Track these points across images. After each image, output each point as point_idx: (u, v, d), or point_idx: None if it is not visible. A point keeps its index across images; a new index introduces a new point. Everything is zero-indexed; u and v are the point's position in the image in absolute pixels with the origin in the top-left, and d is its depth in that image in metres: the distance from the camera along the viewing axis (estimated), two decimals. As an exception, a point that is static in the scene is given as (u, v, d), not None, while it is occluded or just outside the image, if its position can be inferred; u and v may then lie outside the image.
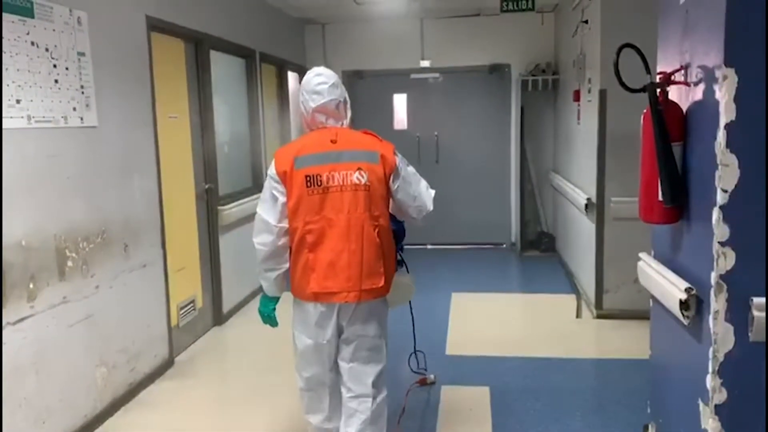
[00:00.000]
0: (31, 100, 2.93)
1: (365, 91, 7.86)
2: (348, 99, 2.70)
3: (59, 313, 3.11)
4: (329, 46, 7.69)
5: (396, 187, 2.61)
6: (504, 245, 7.79)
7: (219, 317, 5.07)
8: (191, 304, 4.67)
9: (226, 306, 5.18)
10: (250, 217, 5.61)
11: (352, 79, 7.80)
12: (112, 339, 3.57)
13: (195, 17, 4.65)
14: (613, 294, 4.87)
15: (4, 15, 2.78)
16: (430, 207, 2.74)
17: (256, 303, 2.63)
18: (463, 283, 6.23)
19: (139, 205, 3.87)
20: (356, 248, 2.51)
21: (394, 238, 2.71)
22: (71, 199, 3.23)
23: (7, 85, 2.78)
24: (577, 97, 5.66)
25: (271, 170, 2.54)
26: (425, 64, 7.53)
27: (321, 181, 2.49)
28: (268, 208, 2.55)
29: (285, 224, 2.53)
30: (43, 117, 3.01)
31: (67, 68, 3.17)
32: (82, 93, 3.30)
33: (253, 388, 3.94)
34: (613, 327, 4.74)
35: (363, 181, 2.52)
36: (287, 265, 2.62)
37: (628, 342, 4.39)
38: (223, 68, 5.34)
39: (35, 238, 2.96)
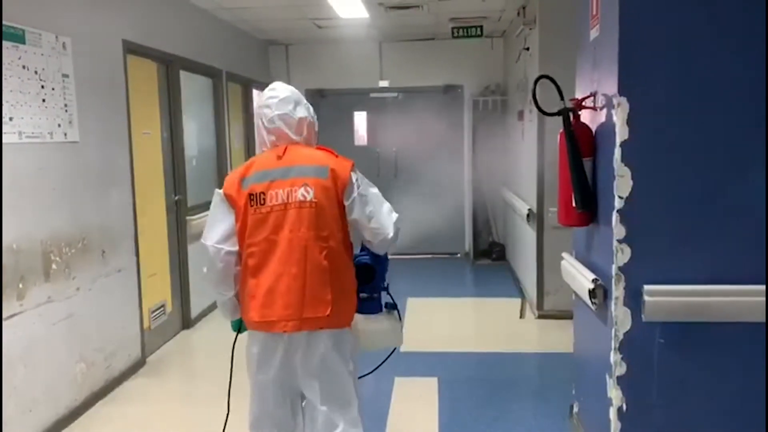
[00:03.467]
0: (22, 118, 3.24)
1: (327, 109, 8.25)
2: (312, 117, 2.52)
3: (44, 311, 3.40)
4: (293, 65, 8.08)
5: (349, 203, 2.38)
6: (458, 254, 8.25)
7: (187, 321, 5.37)
8: (162, 308, 4.96)
9: (194, 311, 5.48)
10: (217, 228, 5.94)
11: (314, 97, 8.19)
12: (90, 338, 3.85)
13: (166, 40, 4.99)
14: (552, 296, 5.33)
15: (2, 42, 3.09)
16: (390, 232, 2.48)
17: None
18: (419, 290, 6.63)
19: (115, 214, 4.18)
20: (297, 272, 2.29)
21: (369, 272, 2.53)
22: (56, 208, 3.53)
23: (2, 104, 3.09)
24: (521, 116, 6.17)
25: (218, 191, 2.39)
26: (384, 83, 7.99)
27: (264, 199, 2.29)
28: (209, 229, 2.36)
29: (224, 246, 2.32)
30: (32, 133, 3.32)
31: (53, 88, 3.49)
32: (66, 111, 3.61)
33: (219, 386, 4.21)
34: (552, 326, 5.19)
35: (308, 198, 2.30)
36: (233, 292, 2.43)
37: (565, 338, 4.81)
38: (192, 87, 5.67)
39: (24, 242, 3.25)
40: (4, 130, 3.10)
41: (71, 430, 3.56)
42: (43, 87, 3.41)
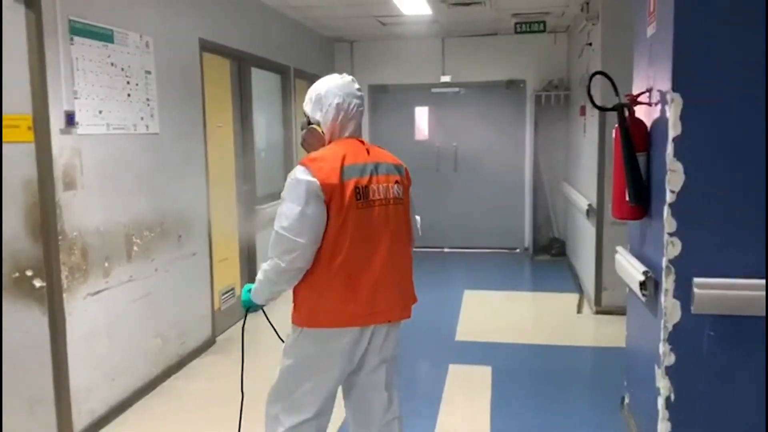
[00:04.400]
0: (110, 111, 3.54)
1: (388, 105, 8.45)
2: None
3: (126, 289, 3.71)
4: (356, 62, 8.29)
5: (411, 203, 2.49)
6: (517, 250, 8.28)
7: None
8: (231, 292, 5.26)
9: (260, 296, 5.76)
10: (283, 217, 6.21)
11: (377, 93, 8.39)
12: (166, 315, 4.15)
13: (239, 38, 5.27)
14: (610, 292, 5.33)
15: (93, 42, 3.40)
16: (419, 231, 2.57)
17: (287, 295, 2.36)
18: (476, 282, 6.73)
19: (191, 201, 4.47)
20: (398, 265, 2.36)
21: None
22: (138, 195, 3.83)
23: (93, 99, 3.39)
24: (583, 111, 6.16)
25: (312, 185, 2.17)
26: (446, 79, 8.09)
27: (368, 193, 2.26)
28: (299, 224, 2.17)
29: (315, 245, 2.22)
30: (119, 125, 3.62)
31: (137, 84, 3.79)
32: (148, 105, 3.91)
33: (278, 361, 4.53)
34: (608, 321, 5.20)
35: (400, 195, 2.37)
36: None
37: (621, 334, 4.80)
38: (262, 83, 5.95)
39: (110, 225, 3.56)
40: (95, 122, 3.41)
41: (148, 401, 3.86)
42: (128, 83, 3.71)
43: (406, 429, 3.44)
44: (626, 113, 2.85)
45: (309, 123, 2.42)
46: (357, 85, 2.43)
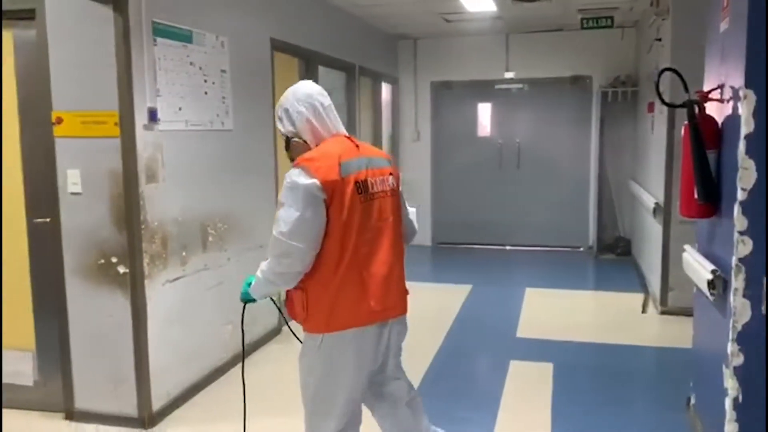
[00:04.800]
0: (189, 108, 3.73)
1: (451, 101, 8.48)
2: None
3: (201, 277, 3.91)
4: (420, 59, 8.36)
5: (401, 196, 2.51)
6: (581, 248, 8.17)
7: (317, 297, 5.82)
8: (296, 283, 5.43)
9: (324, 288, 5.92)
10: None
11: (440, 89, 8.43)
12: (236, 304, 4.31)
13: (307, 37, 5.42)
14: (677, 292, 5.21)
15: (174, 42, 3.59)
16: (416, 226, 2.61)
17: None
18: (538, 280, 6.69)
19: (260, 195, 4.65)
20: (399, 259, 2.37)
21: None
22: (212, 187, 4.02)
23: (173, 97, 3.59)
24: (651, 108, 6.03)
25: (312, 184, 2.16)
26: (509, 75, 8.06)
27: (367, 187, 2.27)
28: (297, 227, 2.16)
29: (315, 249, 2.20)
30: (196, 121, 3.81)
31: (213, 82, 3.97)
32: (223, 102, 4.10)
33: None
34: (674, 322, 5.09)
35: (393, 187, 2.40)
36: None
37: (687, 334, 4.70)
38: (328, 81, 6.09)
39: (187, 215, 3.76)
40: (174, 119, 3.60)
41: (218, 384, 4.05)
42: (205, 81, 3.89)
43: (468, 421, 3.52)
44: (696, 110, 2.81)
45: (288, 139, 2.41)
46: (316, 86, 2.42)
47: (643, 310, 5.50)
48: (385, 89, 7.92)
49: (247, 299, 2.58)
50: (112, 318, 3.39)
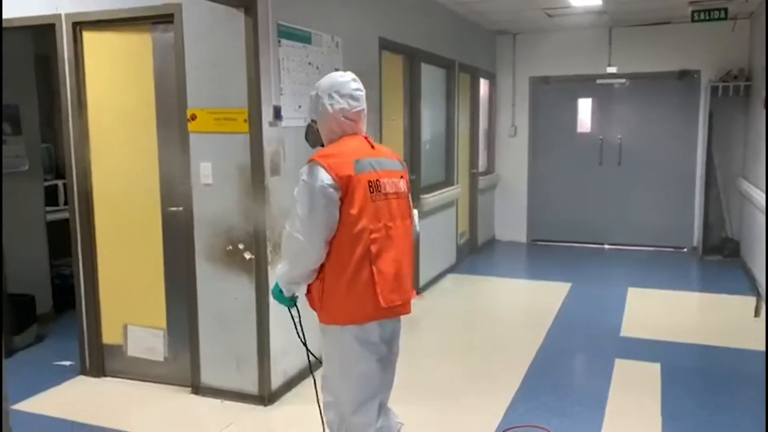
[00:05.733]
0: (307, 106, 3.93)
1: (550, 96, 8.38)
2: None
3: (314, 266, 4.11)
4: (518, 54, 8.31)
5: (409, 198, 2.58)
6: (684, 249, 7.89)
7: (416, 288, 5.96)
8: (397, 275, 5.58)
9: (422, 280, 6.05)
10: (444, 206, 6.48)
11: (538, 84, 8.36)
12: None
13: (412, 36, 5.55)
14: (795, 296, 4.98)
15: (295, 43, 3.81)
16: (418, 226, 2.68)
17: (449, 279, 2.38)
18: (640, 280, 6.53)
19: (366, 189, 4.82)
20: (408, 257, 2.44)
21: None
22: (325, 181, 4.22)
23: (294, 95, 3.80)
24: (766, 104, 5.75)
25: (325, 177, 2.23)
26: (612, 70, 7.87)
27: (380, 186, 2.33)
28: (318, 226, 2.24)
29: (327, 245, 2.29)
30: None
31: (328, 81, 4.17)
32: (336, 100, 4.28)
33: (439, 343, 4.79)
34: (792, 327, 4.87)
35: (404, 189, 2.46)
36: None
37: (807, 341, 4.54)
38: (429, 77, 6.20)
39: (303, 207, 3.97)
40: (294, 116, 3.82)
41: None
42: (321, 80, 4.09)
43: (576, 416, 3.54)
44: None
45: (313, 121, 2.50)
46: (355, 84, 2.42)
47: (756, 314, 5.27)
48: (483, 85, 7.94)
49: (284, 303, 2.62)
50: (237, 300, 3.65)
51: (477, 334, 5.11)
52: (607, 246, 8.22)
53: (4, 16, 3.79)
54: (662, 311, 5.54)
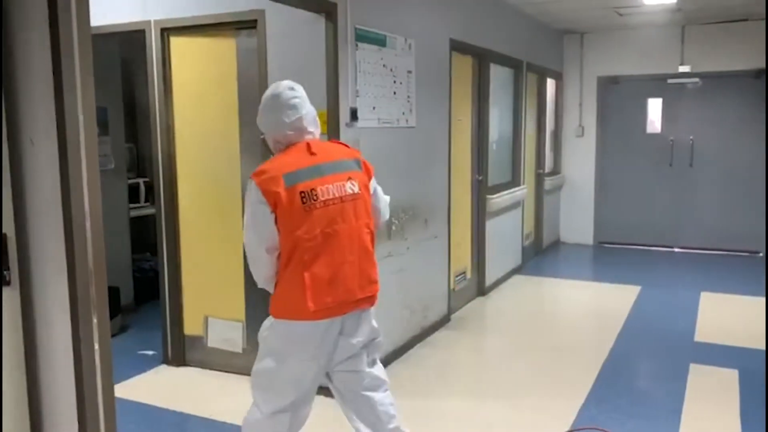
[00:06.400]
0: (381, 107, 4.03)
1: (618, 96, 8.24)
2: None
3: (386, 263, 4.19)
4: (586, 53, 8.21)
5: (373, 192, 2.61)
6: (760, 254, 7.61)
7: (482, 289, 5.98)
8: (463, 274, 5.63)
9: (489, 280, 6.06)
10: (510, 207, 6.48)
11: (606, 84, 8.23)
12: (413, 290, 4.61)
13: (481, 36, 5.58)
14: None
15: (371, 46, 3.90)
16: (387, 215, 2.77)
17: (513, 281, 2.40)
18: (714, 284, 6.35)
19: (436, 189, 4.89)
20: (354, 259, 2.44)
21: None
22: (397, 180, 4.30)
23: (369, 97, 3.90)
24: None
25: (256, 194, 2.35)
26: (684, 68, 7.67)
27: (316, 195, 2.37)
28: (266, 237, 2.38)
29: (276, 252, 2.41)
30: (386, 119, 4.11)
31: (401, 83, 4.25)
32: (409, 101, 4.36)
33: (507, 344, 4.83)
34: None
35: (355, 190, 2.47)
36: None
37: None
38: (497, 78, 6.20)
39: (377, 206, 4.06)
40: (369, 117, 3.91)
41: (399, 363, 4.34)
42: (394, 81, 4.18)
43: (652, 419, 3.50)
44: None
45: (262, 134, 2.59)
46: (290, 93, 2.46)
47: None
48: (550, 85, 7.87)
49: None
50: (313, 296, 3.77)
51: (545, 335, 5.09)
52: (677, 249, 8.02)
53: (97, 23, 4.03)
54: (738, 317, 5.38)
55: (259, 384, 2.54)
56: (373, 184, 2.63)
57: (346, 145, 2.70)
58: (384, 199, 2.72)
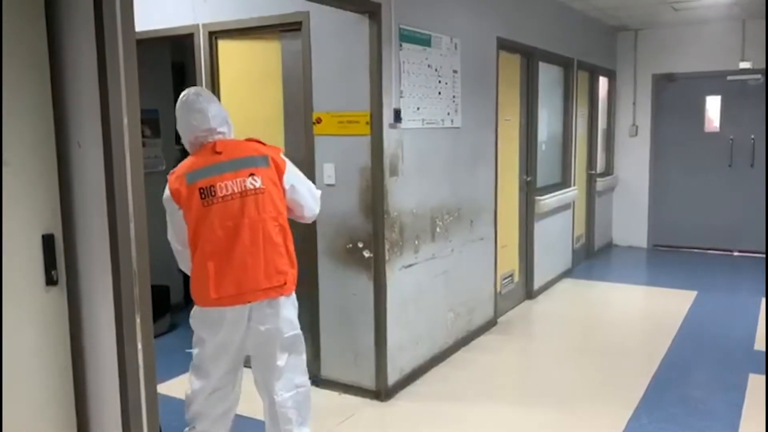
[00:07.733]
0: (425, 108, 4.00)
1: (673, 94, 7.97)
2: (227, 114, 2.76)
3: (430, 265, 4.17)
4: (640, 50, 7.96)
5: (288, 187, 2.73)
6: (826, 258, 7.23)
7: (530, 292, 5.87)
8: (510, 277, 5.53)
9: (537, 283, 5.94)
10: (560, 209, 6.35)
11: (661, 82, 7.96)
12: (458, 293, 4.55)
13: (529, 34, 5.47)
14: None
15: (415, 46, 3.87)
16: (317, 210, 2.88)
17: (562, 284, 2.41)
18: (775, 291, 6.07)
19: (482, 190, 4.82)
20: (256, 251, 2.59)
21: None
22: (442, 182, 4.26)
23: (413, 97, 3.87)
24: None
25: (167, 193, 2.61)
26: (745, 65, 7.35)
27: (215, 191, 2.57)
28: (177, 232, 2.66)
29: (188, 246, 2.65)
30: (431, 120, 4.07)
31: (446, 83, 4.20)
32: (454, 101, 4.31)
33: (554, 347, 4.72)
34: None
35: (257, 185, 2.61)
36: None
37: None
38: (546, 76, 6.08)
39: (421, 208, 4.03)
40: (413, 118, 3.88)
41: (443, 366, 4.29)
42: (439, 82, 4.13)
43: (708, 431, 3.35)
44: None
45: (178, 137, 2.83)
46: (195, 98, 2.70)
47: None
48: (602, 83, 7.67)
49: None
50: (356, 296, 3.77)
51: (595, 340, 4.96)
52: (736, 253, 7.70)
53: (149, 27, 4.13)
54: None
55: (191, 364, 2.79)
56: (289, 179, 2.75)
57: (262, 143, 2.80)
58: (313, 194, 2.86)
